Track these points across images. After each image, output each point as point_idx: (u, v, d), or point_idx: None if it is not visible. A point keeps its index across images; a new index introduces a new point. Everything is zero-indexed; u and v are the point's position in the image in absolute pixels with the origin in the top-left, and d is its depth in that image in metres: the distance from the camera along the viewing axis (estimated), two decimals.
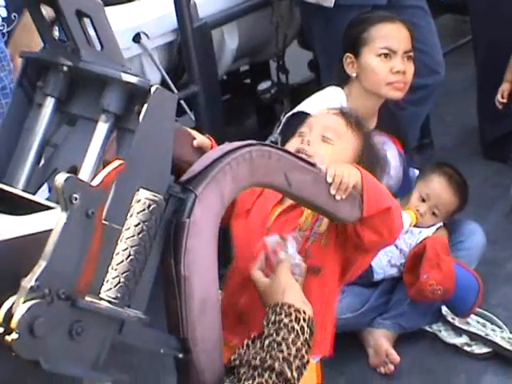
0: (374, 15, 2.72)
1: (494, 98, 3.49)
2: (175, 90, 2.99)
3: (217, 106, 3.11)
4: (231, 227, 1.93)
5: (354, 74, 2.65)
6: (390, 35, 2.63)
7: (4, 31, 2.39)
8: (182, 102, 3.06)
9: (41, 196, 1.46)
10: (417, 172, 3.04)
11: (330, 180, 1.65)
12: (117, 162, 1.28)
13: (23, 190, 1.45)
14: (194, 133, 1.83)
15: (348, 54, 2.64)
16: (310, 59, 4.13)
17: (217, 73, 3.16)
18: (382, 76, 2.61)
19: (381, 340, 2.77)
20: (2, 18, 2.38)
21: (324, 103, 2.65)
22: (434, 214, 2.92)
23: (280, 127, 2.79)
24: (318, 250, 1.84)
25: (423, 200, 2.92)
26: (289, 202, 1.88)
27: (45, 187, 1.50)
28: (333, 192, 1.66)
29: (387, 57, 2.61)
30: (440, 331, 2.86)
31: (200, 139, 1.81)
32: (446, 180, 2.96)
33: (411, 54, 2.65)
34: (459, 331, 2.83)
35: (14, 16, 2.40)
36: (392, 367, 2.72)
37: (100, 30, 1.42)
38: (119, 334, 1.33)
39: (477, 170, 3.65)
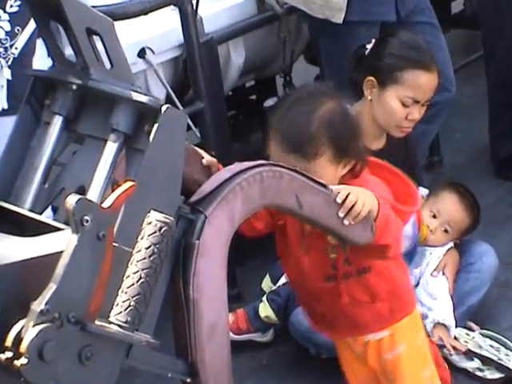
0: (415, 55, 2.64)
1: (505, 114, 3.48)
2: (180, 107, 3.01)
3: (222, 122, 3.13)
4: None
5: (369, 98, 2.65)
6: (421, 88, 2.61)
7: (7, 45, 2.42)
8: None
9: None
10: (426, 191, 3.05)
11: (339, 201, 1.67)
12: (127, 184, 1.29)
13: (30, 210, 1.47)
14: (201, 151, 1.85)
15: (371, 78, 2.62)
16: (317, 74, 4.14)
17: (223, 89, 3.17)
18: (396, 120, 2.62)
19: None
20: (6, 32, 2.41)
21: None
22: (445, 231, 2.92)
23: None
24: (356, 253, 1.90)
25: (434, 216, 2.92)
26: None
27: (49, 209, 1.51)
28: (341, 215, 1.68)
29: (408, 104, 2.62)
30: (451, 355, 2.85)
31: (209, 158, 1.83)
32: (457, 197, 2.97)
33: (429, 101, 2.66)
34: (471, 355, 2.82)
35: (18, 29, 2.43)
36: None
37: (110, 47, 1.44)
38: (126, 357, 1.34)
39: (488, 189, 3.65)
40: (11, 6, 2.39)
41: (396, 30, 2.77)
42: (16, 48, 2.49)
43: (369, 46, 2.70)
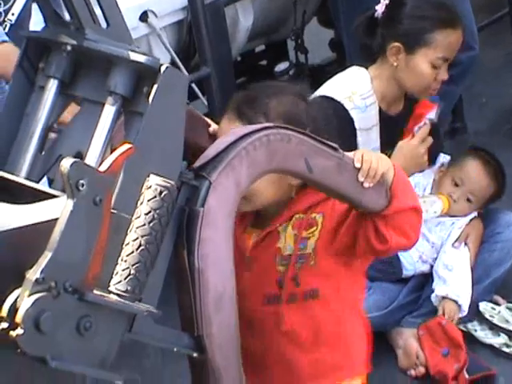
0: (441, 14, 2.64)
1: None
2: (186, 73, 3.01)
3: (231, 89, 3.13)
4: None
5: (395, 64, 2.64)
6: (452, 46, 2.61)
7: (1, 10, 2.43)
8: (193, 85, 3.08)
9: None
10: (448, 157, 3.04)
11: (358, 165, 1.67)
12: (125, 147, 1.30)
13: (26, 179, 1.48)
14: (208, 120, 1.85)
15: (397, 45, 2.61)
16: (331, 38, 4.13)
17: (230, 53, 3.18)
18: (427, 83, 2.62)
19: (410, 340, 2.78)
20: None
21: (347, 86, 2.66)
22: (468, 200, 2.92)
23: None
24: (309, 273, 1.82)
25: (456, 185, 2.92)
26: (263, 225, 1.83)
27: (44, 180, 1.52)
28: (361, 179, 1.67)
29: (439, 65, 2.61)
30: (476, 330, 2.86)
31: (216, 126, 1.83)
32: (481, 164, 2.96)
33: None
34: (497, 330, 2.83)
35: None
36: (423, 369, 2.73)
37: (106, 6, 1.44)
38: (129, 331, 1.35)
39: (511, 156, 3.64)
40: None
41: None
42: (13, 14, 2.50)
43: (379, 9, 2.68)
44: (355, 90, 2.63)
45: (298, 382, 1.87)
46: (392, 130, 2.68)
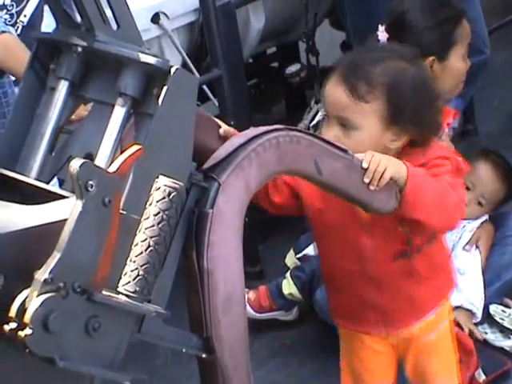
0: (450, 11, 2.61)
1: None
2: (197, 75, 3.01)
3: (242, 91, 3.13)
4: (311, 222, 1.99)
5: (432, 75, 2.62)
6: (469, 32, 2.61)
7: (13, 11, 2.43)
8: (204, 87, 3.09)
9: None
10: None
11: (365, 165, 1.67)
12: (135, 148, 1.30)
13: (36, 179, 1.48)
14: (219, 122, 1.85)
15: (432, 58, 2.57)
16: (343, 40, 4.13)
17: (242, 55, 3.17)
18: (463, 76, 2.61)
19: None
20: None
21: None
22: (479, 203, 2.92)
23: (314, 121, 2.79)
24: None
25: (468, 188, 2.91)
26: None
27: (55, 181, 1.53)
28: (366, 180, 1.68)
29: (468, 54, 2.60)
30: (486, 333, 2.85)
31: (226, 127, 1.83)
32: (492, 167, 2.96)
33: None
34: (508, 333, 2.83)
35: None
36: None
37: (116, 7, 1.44)
38: (138, 332, 1.36)
39: None
40: None
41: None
42: (25, 15, 2.51)
43: (382, 37, 2.62)
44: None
45: (423, 313, 2.03)
46: None
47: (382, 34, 2.60)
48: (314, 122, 3.15)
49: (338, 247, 1.96)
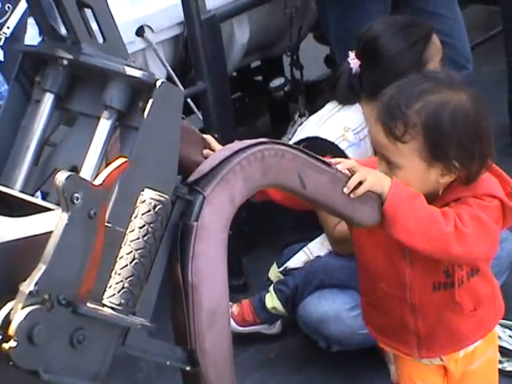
0: (415, 30, 2.59)
1: None
2: (182, 88, 3.02)
3: (226, 104, 3.14)
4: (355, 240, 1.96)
5: None
6: (439, 46, 2.59)
7: None
8: (189, 100, 3.09)
9: None
10: None
11: (346, 172, 1.68)
12: (120, 160, 1.30)
13: (21, 192, 1.49)
14: (208, 137, 1.87)
15: None
16: (327, 54, 4.15)
17: (226, 69, 3.18)
18: None
19: None
20: None
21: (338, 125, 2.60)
22: None
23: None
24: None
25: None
26: None
27: (38, 194, 1.53)
28: (345, 190, 1.68)
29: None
30: None
31: (211, 139, 1.85)
32: None
33: None
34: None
35: (8, 7, 2.44)
36: None
37: (102, 20, 1.45)
38: (123, 344, 1.36)
39: (509, 173, 3.65)
40: None
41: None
42: (8, 27, 2.50)
43: (353, 65, 2.58)
44: (347, 126, 2.60)
45: (464, 343, 1.99)
46: None
47: (354, 61, 2.59)
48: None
49: (380, 270, 1.93)
